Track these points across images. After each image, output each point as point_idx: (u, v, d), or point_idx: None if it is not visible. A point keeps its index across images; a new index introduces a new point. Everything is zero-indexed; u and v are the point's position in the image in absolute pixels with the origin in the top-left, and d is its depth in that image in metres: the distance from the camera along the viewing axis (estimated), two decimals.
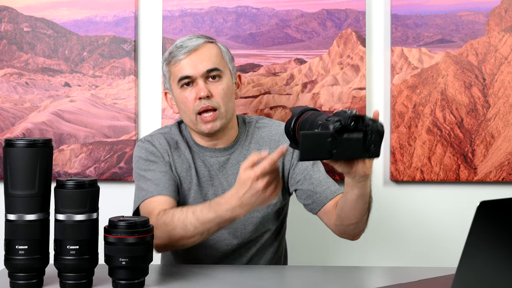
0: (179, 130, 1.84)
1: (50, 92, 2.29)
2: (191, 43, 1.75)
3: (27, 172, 1.40)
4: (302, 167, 1.78)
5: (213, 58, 1.75)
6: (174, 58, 1.75)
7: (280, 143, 1.80)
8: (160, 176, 1.73)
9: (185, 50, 1.74)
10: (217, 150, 1.80)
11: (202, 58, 1.74)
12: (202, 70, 1.73)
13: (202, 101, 1.72)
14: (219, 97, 1.74)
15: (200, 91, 1.72)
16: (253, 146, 1.81)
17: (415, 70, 2.23)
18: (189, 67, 1.73)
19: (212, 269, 1.64)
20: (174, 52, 1.76)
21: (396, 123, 2.23)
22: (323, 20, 2.28)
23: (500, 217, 1.00)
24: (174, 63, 1.75)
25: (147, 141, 1.81)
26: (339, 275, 1.62)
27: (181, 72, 1.74)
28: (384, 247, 2.28)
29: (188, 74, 1.73)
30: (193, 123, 1.76)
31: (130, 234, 1.38)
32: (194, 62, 1.73)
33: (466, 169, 2.22)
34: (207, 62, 1.74)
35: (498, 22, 2.24)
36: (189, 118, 1.76)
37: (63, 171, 2.27)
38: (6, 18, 2.28)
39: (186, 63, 1.74)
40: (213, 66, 1.74)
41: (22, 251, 1.40)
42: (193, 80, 1.74)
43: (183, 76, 1.74)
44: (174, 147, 1.80)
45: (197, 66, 1.73)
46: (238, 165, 1.78)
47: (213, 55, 1.76)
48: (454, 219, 2.25)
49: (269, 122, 1.86)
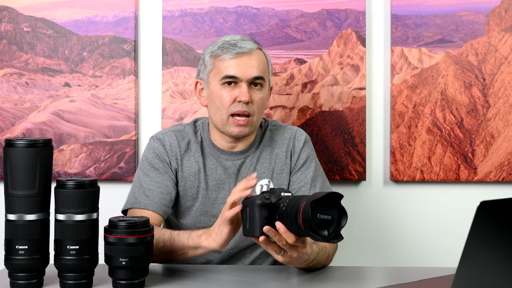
0: (194, 130, 1.84)
1: (50, 92, 2.29)
2: (245, 45, 1.74)
3: (27, 172, 1.40)
4: (301, 176, 1.80)
5: (261, 66, 1.76)
6: (224, 54, 1.74)
7: (290, 146, 1.82)
8: (154, 187, 1.74)
9: (239, 50, 1.73)
10: (233, 153, 1.80)
11: (253, 63, 1.74)
12: (250, 75, 1.73)
13: (241, 105, 1.72)
14: (257, 105, 1.75)
15: (242, 95, 1.72)
16: (266, 148, 1.83)
17: (415, 70, 2.23)
18: (238, 69, 1.73)
19: (213, 269, 1.64)
20: (226, 48, 1.74)
21: (396, 123, 2.23)
22: (323, 20, 2.28)
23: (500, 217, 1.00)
24: (223, 59, 1.74)
25: (159, 139, 1.81)
26: (339, 275, 1.62)
27: (228, 70, 1.73)
28: (384, 247, 2.28)
29: (235, 75, 1.73)
30: (223, 122, 1.75)
31: (130, 234, 1.38)
32: (244, 65, 1.73)
33: (466, 169, 2.22)
34: (256, 69, 1.74)
35: (498, 22, 2.24)
36: (221, 117, 1.75)
37: (63, 171, 2.27)
38: (6, 18, 2.28)
39: (237, 63, 1.73)
40: (260, 74, 1.74)
41: (22, 251, 1.40)
42: (237, 81, 1.73)
43: (229, 75, 1.73)
44: (184, 149, 1.80)
45: (246, 69, 1.73)
46: (252, 168, 1.79)
47: (262, 63, 1.76)
48: (454, 219, 2.25)
49: (281, 126, 1.88)
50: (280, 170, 1.81)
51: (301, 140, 1.83)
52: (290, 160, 1.82)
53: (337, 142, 2.24)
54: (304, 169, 1.81)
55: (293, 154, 1.82)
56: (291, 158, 1.82)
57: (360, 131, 2.24)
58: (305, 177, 1.80)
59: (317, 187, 1.79)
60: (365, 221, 2.28)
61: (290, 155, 1.82)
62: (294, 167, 1.82)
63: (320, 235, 1.30)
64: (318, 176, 1.81)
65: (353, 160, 2.23)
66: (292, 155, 1.82)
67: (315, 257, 1.53)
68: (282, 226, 1.36)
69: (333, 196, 1.32)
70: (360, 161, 2.23)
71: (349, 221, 2.25)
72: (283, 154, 1.82)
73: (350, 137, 2.24)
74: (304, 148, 1.83)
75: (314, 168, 1.81)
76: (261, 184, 1.78)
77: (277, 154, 1.82)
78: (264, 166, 1.81)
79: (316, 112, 2.25)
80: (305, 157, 1.82)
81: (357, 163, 2.23)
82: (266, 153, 1.82)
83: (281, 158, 1.82)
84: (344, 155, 2.23)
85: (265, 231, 1.37)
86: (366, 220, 2.28)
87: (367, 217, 2.27)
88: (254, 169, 1.80)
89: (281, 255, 1.42)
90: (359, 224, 2.28)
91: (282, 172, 1.81)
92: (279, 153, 1.82)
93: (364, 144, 2.23)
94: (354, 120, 2.24)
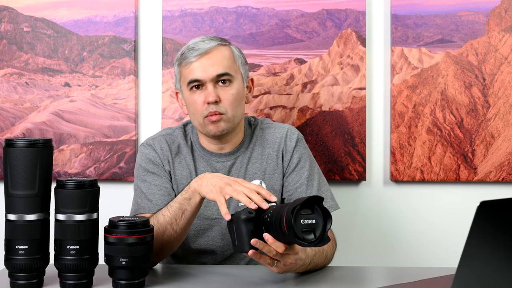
0: (183, 133, 1.83)
1: (50, 92, 2.29)
2: (203, 45, 1.73)
3: (27, 172, 1.40)
4: (295, 177, 1.79)
5: (224, 62, 1.73)
6: (185, 60, 1.74)
7: (282, 145, 1.80)
8: (155, 191, 1.73)
9: (197, 52, 1.72)
10: (223, 155, 1.79)
11: (213, 62, 1.72)
12: (212, 74, 1.72)
13: (210, 106, 1.71)
14: (228, 102, 1.73)
15: (209, 96, 1.71)
16: (257, 148, 1.81)
17: (415, 70, 2.23)
18: (199, 71, 1.72)
19: (212, 269, 1.65)
20: (186, 53, 1.74)
21: (396, 123, 2.23)
22: (323, 20, 2.28)
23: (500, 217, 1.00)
24: (185, 65, 1.74)
25: (149, 145, 1.80)
26: (339, 275, 1.62)
27: (191, 75, 1.73)
28: (384, 247, 2.28)
29: (198, 78, 1.72)
30: (201, 125, 1.75)
31: (130, 234, 1.38)
32: (204, 65, 1.72)
33: (466, 169, 2.22)
34: (218, 66, 1.72)
35: (498, 22, 2.24)
36: (198, 121, 1.75)
37: (63, 171, 2.27)
38: (6, 18, 2.28)
39: (197, 66, 1.72)
40: (224, 70, 1.73)
41: (22, 251, 1.40)
42: (202, 83, 1.73)
43: (192, 80, 1.73)
44: (175, 152, 1.79)
45: (207, 70, 1.72)
46: (242, 168, 1.78)
47: (225, 58, 1.74)
48: (454, 219, 2.25)
49: (272, 124, 1.86)
50: (273, 170, 1.79)
51: (293, 139, 1.81)
52: (283, 161, 1.80)
53: (337, 142, 2.24)
54: (299, 169, 1.79)
55: (285, 154, 1.80)
56: (283, 158, 1.80)
57: (360, 131, 2.24)
58: (300, 178, 1.78)
59: (314, 186, 1.78)
60: (365, 221, 2.28)
61: (282, 155, 1.80)
62: (288, 168, 1.79)
63: (306, 240, 1.30)
64: (314, 175, 1.79)
65: (353, 160, 2.23)
66: (284, 155, 1.80)
67: (311, 260, 1.52)
68: (269, 237, 1.36)
69: (314, 200, 1.32)
70: (360, 161, 2.23)
71: (349, 221, 2.27)
72: (274, 154, 1.80)
73: (350, 137, 2.24)
74: (297, 147, 1.81)
75: (309, 167, 1.79)
76: None
77: (268, 154, 1.80)
78: (256, 167, 1.79)
79: (316, 112, 2.25)
80: (299, 157, 1.80)
81: (357, 163, 2.23)
82: (257, 153, 1.81)
83: (272, 158, 1.80)
84: (344, 155, 2.23)
85: (253, 244, 1.38)
86: (366, 220, 2.28)
87: (367, 217, 2.27)
88: (245, 170, 1.78)
89: (275, 266, 1.42)
90: (359, 224, 2.28)
91: (275, 172, 1.79)
92: (270, 153, 1.80)
93: (364, 144, 2.23)
94: (354, 120, 2.24)
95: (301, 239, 1.30)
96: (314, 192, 1.76)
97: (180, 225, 1.55)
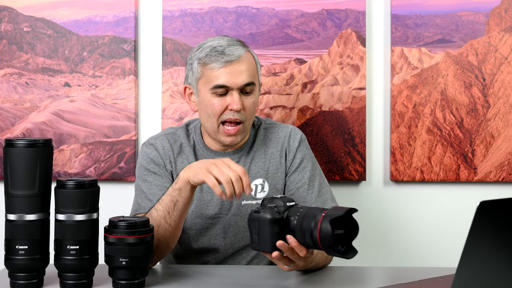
0: (186, 133, 1.82)
1: (50, 92, 2.29)
2: (233, 51, 1.69)
3: (27, 172, 1.40)
4: (298, 177, 1.79)
5: (250, 71, 1.71)
6: (212, 63, 1.69)
7: (285, 145, 1.81)
8: (155, 191, 1.72)
9: (227, 58, 1.68)
10: (226, 154, 1.79)
11: (242, 70, 1.69)
12: (240, 83, 1.69)
13: (232, 113, 1.69)
14: (249, 111, 1.72)
15: (234, 104, 1.68)
16: (260, 147, 1.82)
17: (415, 70, 2.23)
18: (228, 78, 1.68)
19: (212, 269, 1.65)
20: (212, 56, 1.69)
21: (396, 123, 2.23)
22: (323, 20, 2.28)
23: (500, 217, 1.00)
24: (212, 68, 1.69)
25: (151, 144, 1.79)
26: (339, 275, 1.62)
27: (218, 80, 1.69)
28: (384, 247, 2.28)
29: (226, 84, 1.69)
30: (214, 130, 1.73)
31: (130, 234, 1.38)
32: (233, 73, 1.68)
33: (466, 169, 2.22)
34: (246, 76, 1.70)
35: (498, 22, 2.24)
36: (212, 124, 1.73)
37: (63, 171, 2.27)
38: (6, 18, 2.28)
39: (226, 72, 1.68)
40: (250, 79, 1.71)
41: (22, 251, 1.40)
42: (227, 89, 1.70)
43: (219, 85, 1.69)
44: (177, 151, 1.79)
45: (236, 78, 1.69)
46: (246, 168, 1.78)
47: (251, 67, 1.72)
48: (454, 219, 2.25)
49: (275, 124, 1.86)
50: (275, 169, 1.79)
51: (297, 139, 1.81)
52: (285, 160, 1.80)
53: (337, 142, 2.24)
54: (301, 169, 1.79)
55: (288, 153, 1.80)
56: (286, 157, 1.80)
57: (360, 131, 2.24)
58: (302, 178, 1.78)
59: (315, 187, 1.78)
60: (365, 221, 2.27)
61: (285, 155, 1.81)
62: (290, 168, 1.80)
63: (336, 250, 1.30)
64: (315, 176, 1.80)
65: (353, 160, 2.23)
66: (287, 154, 1.80)
67: (313, 259, 1.52)
68: (293, 240, 1.35)
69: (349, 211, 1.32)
70: (360, 161, 2.23)
71: None
72: (277, 153, 1.80)
73: (350, 137, 2.24)
74: (300, 147, 1.81)
75: (311, 168, 1.80)
76: (255, 184, 1.77)
77: (271, 154, 1.80)
78: (259, 166, 1.79)
79: (316, 112, 2.25)
80: (301, 157, 1.80)
81: (357, 163, 2.23)
82: (260, 152, 1.81)
83: (276, 157, 1.80)
84: (344, 155, 2.23)
85: (279, 246, 1.36)
86: (366, 220, 2.28)
87: (367, 217, 2.27)
88: (248, 169, 1.78)
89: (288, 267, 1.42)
90: (359, 224, 2.27)
91: (277, 171, 1.79)
92: (273, 152, 1.80)
93: (364, 144, 2.23)
94: (354, 120, 2.24)
95: (334, 250, 1.30)
96: (315, 193, 1.76)
97: (174, 217, 1.55)
